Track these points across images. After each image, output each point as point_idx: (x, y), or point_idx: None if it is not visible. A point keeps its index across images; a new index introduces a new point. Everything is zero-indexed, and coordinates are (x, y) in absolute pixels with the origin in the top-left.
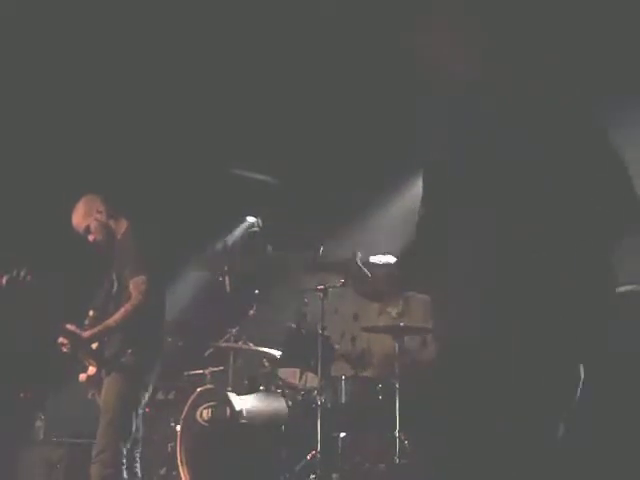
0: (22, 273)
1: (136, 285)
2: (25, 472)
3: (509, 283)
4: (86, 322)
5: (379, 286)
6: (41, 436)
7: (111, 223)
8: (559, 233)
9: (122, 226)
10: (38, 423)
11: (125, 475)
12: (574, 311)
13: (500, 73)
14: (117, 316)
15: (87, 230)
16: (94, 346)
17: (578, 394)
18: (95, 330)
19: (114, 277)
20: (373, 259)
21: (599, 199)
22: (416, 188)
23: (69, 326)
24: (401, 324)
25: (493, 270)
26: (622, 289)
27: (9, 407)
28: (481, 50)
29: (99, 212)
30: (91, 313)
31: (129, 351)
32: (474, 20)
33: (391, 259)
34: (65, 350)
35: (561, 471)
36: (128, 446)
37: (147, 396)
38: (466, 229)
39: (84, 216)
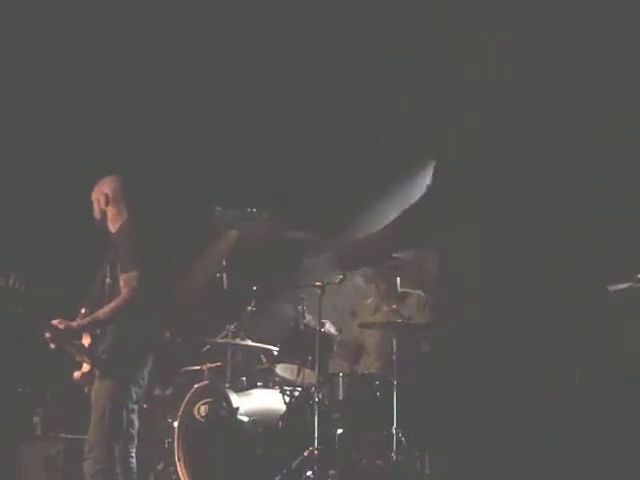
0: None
1: (127, 281)
2: (23, 468)
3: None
4: (78, 319)
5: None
6: (39, 432)
7: (108, 211)
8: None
9: (119, 219)
10: (36, 419)
11: (119, 470)
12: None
13: None
14: (107, 309)
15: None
16: (87, 343)
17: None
18: (83, 322)
19: (107, 273)
20: None
21: None
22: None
23: (54, 321)
24: (398, 320)
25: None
26: (621, 286)
27: (7, 403)
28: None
29: (103, 194)
30: (83, 310)
31: (119, 347)
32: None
33: None
34: (52, 345)
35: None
36: (120, 442)
37: (140, 391)
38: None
39: (94, 192)
